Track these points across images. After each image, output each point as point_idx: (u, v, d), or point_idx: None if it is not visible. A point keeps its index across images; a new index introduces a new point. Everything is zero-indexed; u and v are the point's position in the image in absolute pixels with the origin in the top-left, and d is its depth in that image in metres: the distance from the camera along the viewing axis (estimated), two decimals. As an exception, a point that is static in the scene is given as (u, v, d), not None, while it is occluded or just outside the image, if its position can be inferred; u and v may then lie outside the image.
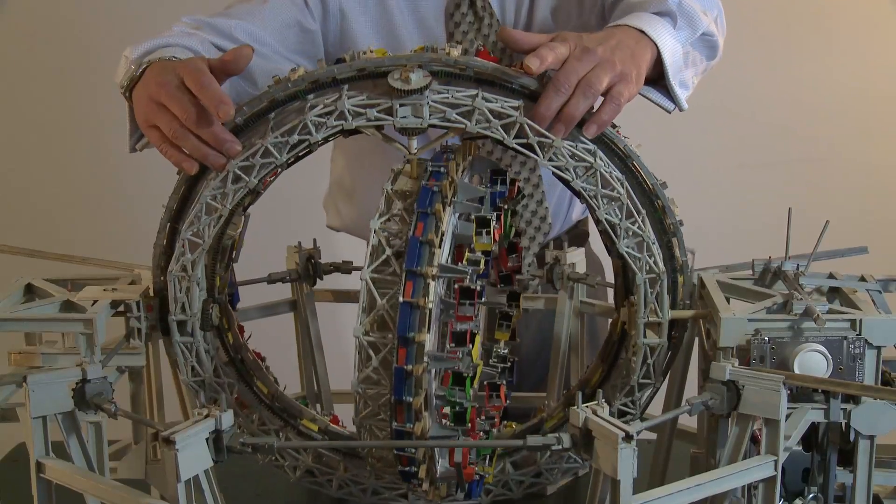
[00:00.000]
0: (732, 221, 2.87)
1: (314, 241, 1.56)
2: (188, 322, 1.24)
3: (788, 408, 1.09)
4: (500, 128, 1.16)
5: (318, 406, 1.56)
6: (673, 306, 1.24)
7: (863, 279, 1.28)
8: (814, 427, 1.16)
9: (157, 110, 1.19)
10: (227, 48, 1.46)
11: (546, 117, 1.18)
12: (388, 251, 1.14)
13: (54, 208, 2.94)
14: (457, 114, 1.17)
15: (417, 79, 1.16)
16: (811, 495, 1.18)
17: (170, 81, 1.18)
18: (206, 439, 1.00)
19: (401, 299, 1.10)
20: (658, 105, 1.37)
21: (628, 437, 0.94)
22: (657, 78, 1.34)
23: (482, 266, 1.16)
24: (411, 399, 1.09)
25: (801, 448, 1.18)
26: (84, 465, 1.14)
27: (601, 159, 1.19)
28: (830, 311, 1.16)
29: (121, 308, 1.31)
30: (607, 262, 1.33)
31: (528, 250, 1.69)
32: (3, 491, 1.46)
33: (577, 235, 1.79)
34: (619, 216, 1.19)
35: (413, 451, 1.14)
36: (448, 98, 1.17)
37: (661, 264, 1.21)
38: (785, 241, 1.27)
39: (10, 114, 2.91)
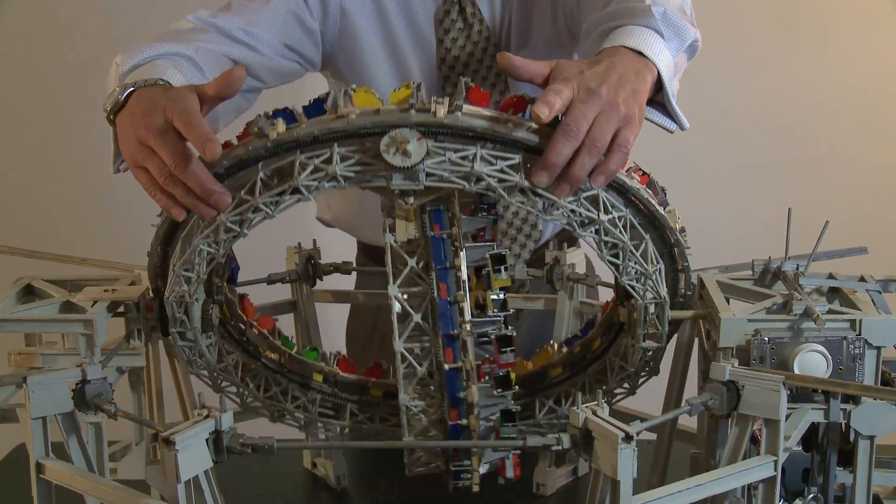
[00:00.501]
0: (732, 222, 2.87)
1: (314, 241, 1.56)
2: (188, 332, 1.24)
3: (788, 408, 1.09)
4: (500, 189, 1.10)
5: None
6: (672, 304, 1.24)
7: (862, 279, 1.28)
8: (814, 427, 1.16)
9: (145, 154, 1.14)
10: (229, 53, 1.47)
11: (557, 165, 1.10)
12: (416, 317, 1.14)
13: (54, 209, 2.94)
14: (455, 177, 1.09)
15: (415, 150, 1.07)
16: (811, 496, 1.18)
17: (157, 124, 1.12)
18: (206, 440, 1.00)
19: (446, 367, 1.13)
20: (660, 126, 1.31)
21: (628, 438, 0.94)
22: (652, 95, 1.26)
23: (507, 306, 1.16)
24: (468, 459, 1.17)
25: (800, 448, 1.18)
26: (84, 465, 1.14)
27: (605, 212, 1.13)
28: (830, 312, 1.16)
29: (121, 309, 1.31)
30: (599, 263, 1.33)
31: (520, 257, 1.69)
32: (3, 492, 1.46)
33: (566, 238, 1.79)
34: (622, 258, 1.16)
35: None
36: (444, 163, 1.09)
37: (662, 292, 1.19)
38: (785, 242, 1.27)
39: (9, 114, 2.91)
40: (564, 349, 1.40)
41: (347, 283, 1.81)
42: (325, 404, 1.40)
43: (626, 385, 1.31)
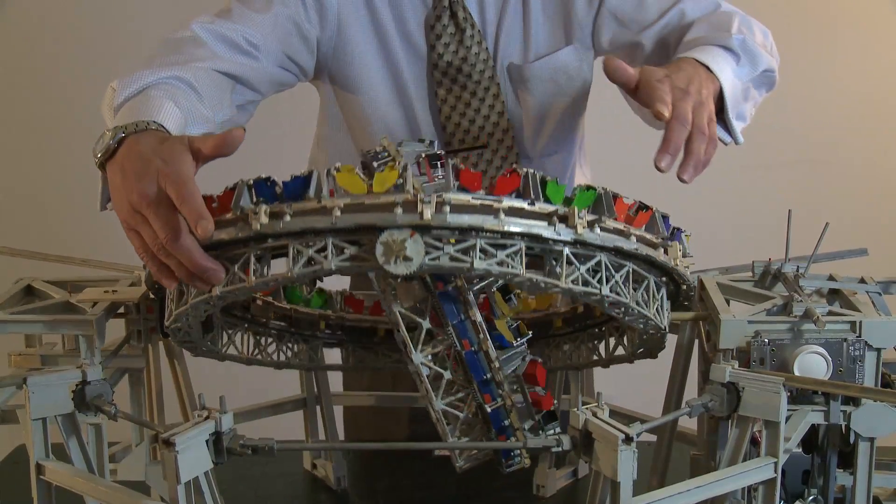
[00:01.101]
0: (732, 223, 2.87)
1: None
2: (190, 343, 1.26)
3: (788, 410, 1.09)
4: (504, 278, 1.07)
5: (318, 408, 1.55)
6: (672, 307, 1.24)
7: (863, 281, 1.27)
8: (814, 429, 1.16)
9: (138, 220, 1.10)
10: (230, 69, 1.46)
11: (678, 147, 1.24)
12: (448, 375, 1.15)
13: (54, 210, 2.94)
14: (451, 265, 1.02)
15: (414, 250, 1.00)
16: (811, 497, 1.18)
17: (150, 192, 1.07)
18: (206, 441, 1.00)
19: (488, 409, 1.15)
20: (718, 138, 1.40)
21: (628, 439, 0.94)
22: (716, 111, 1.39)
23: (524, 329, 1.17)
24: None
25: (801, 450, 1.18)
26: (84, 467, 1.14)
27: (605, 283, 1.08)
28: (830, 313, 1.16)
29: (121, 310, 1.31)
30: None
31: None
32: (3, 493, 1.46)
33: None
34: (624, 311, 1.12)
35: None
36: (443, 257, 1.01)
37: (663, 324, 1.18)
38: (785, 243, 1.27)
39: (9, 115, 2.91)
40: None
41: (344, 283, 1.81)
42: (329, 343, 1.45)
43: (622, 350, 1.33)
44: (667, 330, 1.19)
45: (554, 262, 1.03)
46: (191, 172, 1.08)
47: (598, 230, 1.03)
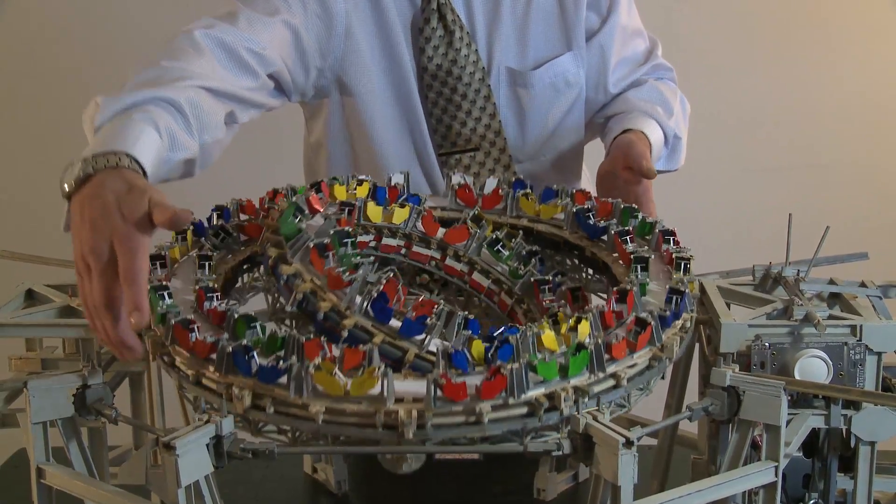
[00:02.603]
0: (733, 226, 2.87)
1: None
2: None
3: (789, 414, 1.09)
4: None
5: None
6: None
7: (863, 285, 1.27)
8: (814, 433, 1.16)
9: (83, 268, 1.10)
10: (225, 88, 1.44)
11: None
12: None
13: (55, 214, 2.93)
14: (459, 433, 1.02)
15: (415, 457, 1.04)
16: (812, 501, 1.18)
17: (101, 251, 1.07)
18: (207, 445, 1.00)
19: None
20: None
21: (629, 443, 0.94)
22: None
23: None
24: None
25: (801, 454, 1.18)
26: (84, 470, 1.14)
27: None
28: (831, 317, 1.16)
29: (121, 313, 1.30)
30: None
31: None
32: (4, 497, 1.46)
33: None
34: None
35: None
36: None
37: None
38: (785, 247, 1.27)
39: (9, 118, 2.91)
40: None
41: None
42: None
43: None
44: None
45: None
46: (145, 242, 1.07)
47: (588, 397, 1.01)
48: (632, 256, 1.19)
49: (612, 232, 1.26)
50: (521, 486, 1.46)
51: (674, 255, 1.20)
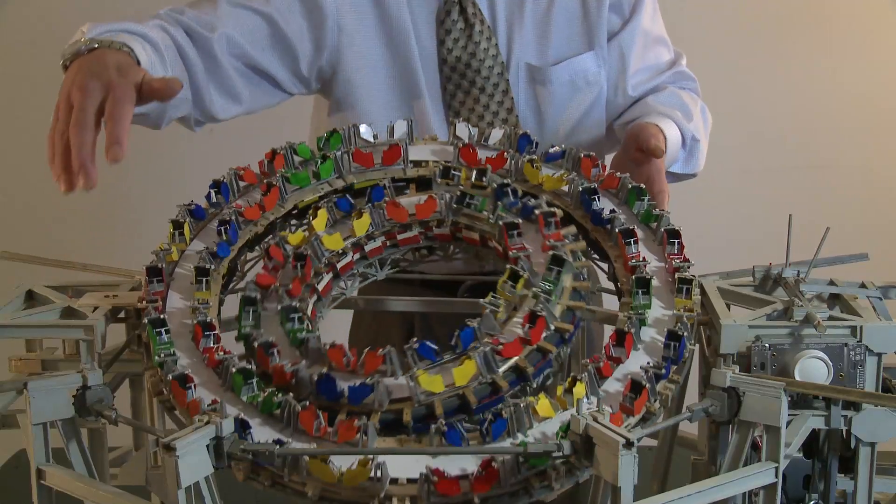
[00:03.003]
0: (733, 227, 2.87)
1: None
2: None
3: (789, 414, 1.09)
4: None
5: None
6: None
7: (863, 286, 1.27)
8: (814, 434, 1.16)
9: (64, 111, 1.17)
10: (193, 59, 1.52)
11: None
12: None
13: (55, 214, 2.94)
14: None
15: None
16: (812, 502, 1.18)
17: (92, 90, 1.16)
18: (207, 446, 1.00)
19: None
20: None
21: (629, 444, 0.94)
22: None
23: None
24: None
25: (801, 455, 1.18)
26: (85, 471, 1.14)
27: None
28: (831, 318, 1.16)
29: (121, 314, 1.31)
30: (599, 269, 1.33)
31: None
32: (4, 498, 1.46)
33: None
34: None
35: None
36: None
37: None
38: (785, 248, 1.27)
39: (9, 118, 2.91)
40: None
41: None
42: None
43: None
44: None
45: None
46: (133, 98, 1.17)
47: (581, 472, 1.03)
48: (633, 277, 1.18)
49: (616, 231, 1.25)
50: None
51: (676, 271, 1.20)
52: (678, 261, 1.22)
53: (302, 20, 1.61)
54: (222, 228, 1.27)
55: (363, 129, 1.39)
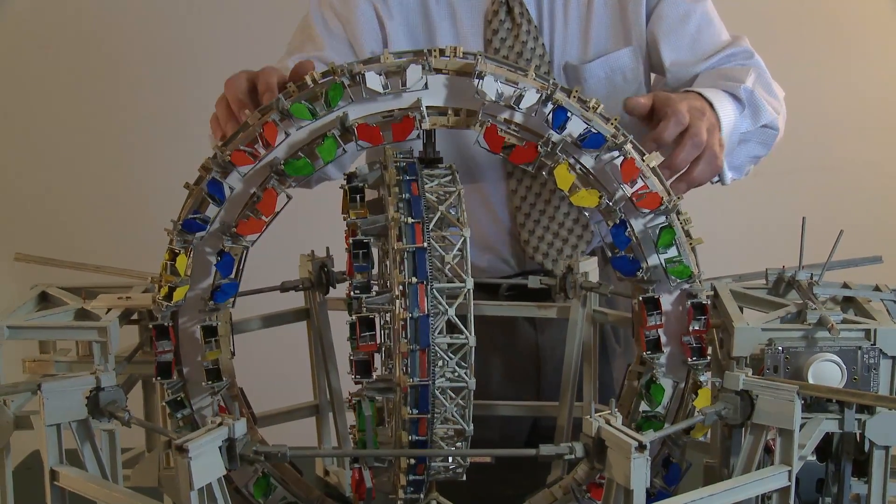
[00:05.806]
0: (746, 230, 2.86)
1: (327, 249, 1.56)
2: None
3: (802, 418, 1.08)
4: None
5: (330, 415, 1.55)
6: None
7: (877, 289, 1.27)
8: (828, 437, 1.15)
9: (223, 106, 1.33)
10: None
11: (681, 167, 1.34)
12: None
13: (69, 217, 2.96)
14: None
15: None
16: (825, 506, 1.17)
17: (239, 84, 1.31)
18: (220, 448, 1.00)
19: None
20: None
21: (641, 447, 0.94)
22: None
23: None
24: None
25: (815, 458, 1.18)
26: (98, 472, 1.14)
27: None
28: (844, 321, 1.15)
29: (135, 316, 1.31)
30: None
31: (571, 258, 1.69)
32: (18, 498, 1.46)
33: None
34: None
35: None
36: None
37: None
38: (799, 251, 1.27)
39: (23, 120, 2.92)
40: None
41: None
42: None
43: None
44: None
45: None
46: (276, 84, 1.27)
47: None
48: (642, 357, 1.19)
49: (638, 300, 1.19)
50: (533, 489, 1.46)
51: (692, 356, 1.19)
52: (695, 340, 1.19)
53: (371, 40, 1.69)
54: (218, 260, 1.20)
55: (369, 77, 1.15)
